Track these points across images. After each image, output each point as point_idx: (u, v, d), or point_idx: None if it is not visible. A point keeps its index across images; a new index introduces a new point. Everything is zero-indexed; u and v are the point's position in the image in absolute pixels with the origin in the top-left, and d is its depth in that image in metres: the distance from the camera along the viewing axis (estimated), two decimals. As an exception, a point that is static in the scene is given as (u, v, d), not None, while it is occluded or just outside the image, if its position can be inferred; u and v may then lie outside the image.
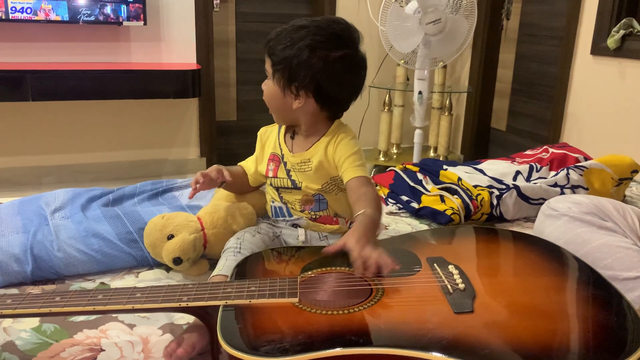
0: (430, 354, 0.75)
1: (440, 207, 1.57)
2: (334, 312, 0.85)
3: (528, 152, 1.97)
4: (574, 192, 1.65)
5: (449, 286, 0.91)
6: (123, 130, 3.25)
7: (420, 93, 2.82)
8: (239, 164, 1.33)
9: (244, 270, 1.01)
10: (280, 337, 0.80)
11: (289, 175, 1.21)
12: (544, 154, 1.89)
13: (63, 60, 3.00)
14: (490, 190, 1.61)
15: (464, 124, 3.77)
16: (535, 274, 0.99)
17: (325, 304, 0.87)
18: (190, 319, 1.02)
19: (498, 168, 1.80)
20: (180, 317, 1.05)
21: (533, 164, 1.81)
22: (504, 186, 1.65)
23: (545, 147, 1.94)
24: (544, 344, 0.78)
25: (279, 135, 1.25)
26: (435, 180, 1.74)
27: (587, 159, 1.83)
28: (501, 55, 3.57)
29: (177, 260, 1.18)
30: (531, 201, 1.62)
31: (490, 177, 1.72)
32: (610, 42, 2.56)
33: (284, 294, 0.89)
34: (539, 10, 3.22)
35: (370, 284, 0.92)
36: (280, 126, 1.26)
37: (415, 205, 1.64)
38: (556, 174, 1.72)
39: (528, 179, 1.74)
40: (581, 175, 1.68)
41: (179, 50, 3.20)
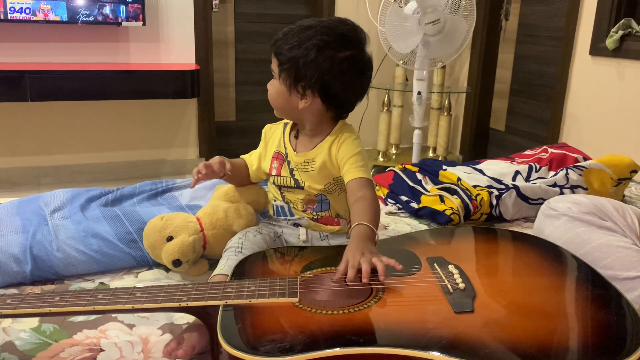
0: (431, 354, 0.75)
1: (439, 207, 1.57)
2: (334, 312, 0.85)
3: (527, 152, 1.97)
4: (573, 192, 1.65)
5: (449, 286, 0.91)
6: (122, 131, 3.25)
7: (419, 93, 2.83)
8: (242, 156, 1.33)
9: (243, 270, 1.01)
10: (280, 337, 0.80)
11: (292, 174, 1.20)
12: (543, 154, 1.89)
13: (62, 60, 3.00)
14: (489, 190, 1.61)
15: (463, 124, 3.77)
16: (535, 274, 0.99)
17: (325, 304, 0.87)
18: (189, 318, 1.02)
19: (497, 168, 1.80)
20: (180, 317, 1.05)
21: (532, 164, 1.81)
22: (503, 186, 1.65)
23: (544, 147, 1.94)
24: (544, 343, 0.78)
25: (284, 133, 1.24)
26: (435, 181, 1.74)
27: (586, 159, 1.83)
28: (500, 56, 3.57)
29: (177, 262, 1.17)
30: (530, 201, 1.62)
31: (489, 177, 1.72)
32: (609, 43, 2.56)
33: (284, 293, 0.89)
34: (538, 11, 3.23)
35: (370, 284, 0.92)
36: (285, 124, 1.26)
37: (414, 205, 1.64)
38: (555, 174, 1.72)
39: (527, 179, 1.74)
40: (580, 175, 1.69)
41: (178, 51, 3.20)
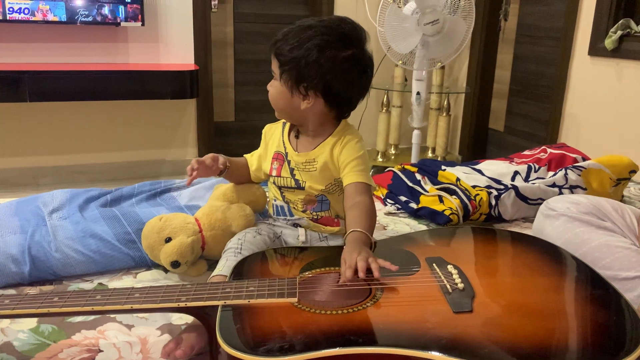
0: (430, 354, 0.75)
1: (438, 208, 1.57)
2: (333, 312, 0.85)
3: (526, 153, 1.97)
4: (572, 192, 1.65)
5: (448, 286, 0.91)
6: (121, 131, 3.25)
7: (418, 94, 2.83)
8: (245, 155, 1.32)
9: (242, 270, 1.01)
10: (279, 337, 0.80)
11: (292, 174, 1.20)
12: (542, 154, 1.89)
13: (61, 60, 3.00)
14: (488, 190, 1.61)
15: (462, 125, 3.77)
16: (534, 274, 0.99)
17: (324, 304, 0.87)
18: (188, 319, 1.02)
19: (496, 168, 1.80)
20: (179, 318, 1.05)
21: (531, 164, 1.81)
22: (503, 186, 1.65)
23: (543, 148, 1.94)
24: (543, 343, 0.78)
25: (283, 133, 1.24)
26: (434, 181, 1.74)
27: (585, 159, 1.83)
28: (499, 56, 3.58)
29: (175, 264, 1.17)
30: (529, 201, 1.62)
31: (488, 178, 1.72)
32: (607, 43, 2.56)
33: (283, 294, 0.89)
34: (537, 11, 3.23)
35: (369, 284, 0.92)
36: (284, 124, 1.25)
37: (413, 205, 1.64)
38: (554, 174, 1.72)
39: (526, 179, 1.74)
40: (579, 175, 1.69)
41: (176, 51, 3.20)
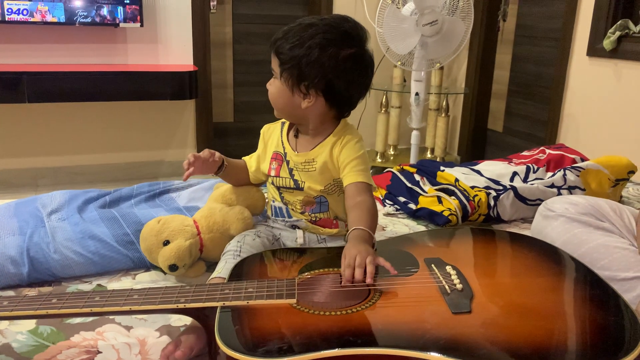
0: (429, 354, 0.75)
1: (437, 208, 1.57)
2: (332, 313, 0.85)
3: (525, 153, 1.97)
4: (570, 193, 1.65)
5: (447, 287, 0.91)
6: (120, 132, 3.25)
7: (417, 94, 2.83)
8: (243, 158, 1.32)
9: (241, 272, 1.01)
10: (278, 338, 0.80)
11: (291, 174, 1.19)
12: (540, 155, 1.89)
13: (59, 61, 2.99)
14: (487, 191, 1.61)
15: (460, 125, 3.78)
16: (532, 275, 0.99)
17: (323, 305, 0.87)
18: (187, 320, 1.02)
19: (495, 169, 1.80)
20: (178, 319, 1.05)
21: (530, 165, 1.81)
22: (501, 187, 1.65)
23: (542, 148, 1.94)
24: (541, 344, 0.78)
25: (282, 133, 1.23)
26: (433, 182, 1.74)
27: (584, 159, 1.83)
28: (498, 57, 3.58)
29: (173, 267, 1.17)
30: (528, 202, 1.62)
31: (487, 178, 1.72)
32: (606, 44, 2.57)
33: (282, 295, 0.89)
34: (535, 12, 3.23)
35: (368, 285, 0.92)
36: (283, 124, 1.25)
37: (412, 206, 1.64)
38: (553, 175, 1.72)
39: (525, 180, 1.74)
40: (578, 176, 1.69)
41: (175, 52, 3.20)
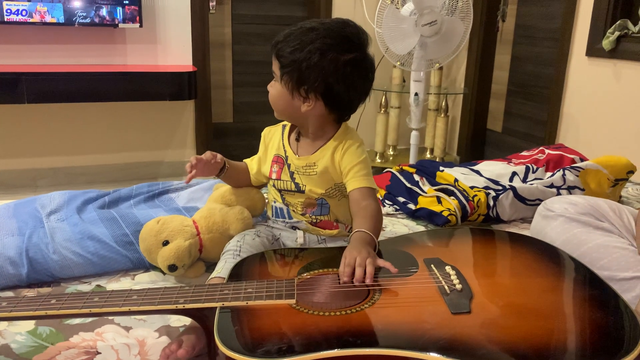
0: (428, 355, 0.75)
1: (436, 208, 1.57)
2: (332, 314, 0.85)
3: (524, 153, 1.97)
4: (570, 193, 1.65)
5: (446, 287, 0.91)
6: (119, 133, 3.24)
7: (416, 94, 2.83)
8: (245, 160, 1.32)
9: (241, 272, 1.01)
10: (277, 339, 0.80)
11: (292, 178, 1.19)
12: (540, 155, 1.89)
13: (59, 62, 2.99)
14: (486, 191, 1.62)
15: (460, 126, 3.78)
16: (532, 275, 0.99)
17: (322, 306, 0.87)
18: (186, 321, 1.02)
19: (494, 169, 1.80)
20: (177, 320, 1.05)
21: (529, 165, 1.81)
22: (501, 187, 1.65)
23: (541, 148, 1.94)
24: (541, 344, 0.78)
25: (282, 136, 1.23)
26: (432, 182, 1.74)
27: (583, 159, 1.83)
28: (497, 57, 3.58)
29: (172, 267, 1.17)
30: (527, 202, 1.62)
31: (486, 178, 1.72)
32: (605, 44, 2.57)
33: (281, 295, 0.89)
34: (535, 12, 3.23)
35: (367, 285, 0.92)
36: (284, 127, 1.25)
37: (412, 206, 1.64)
38: (552, 175, 1.72)
39: (524, 180, 1.74)
40: (577, 176, 1.69)
41: (174, 52, 3.20)
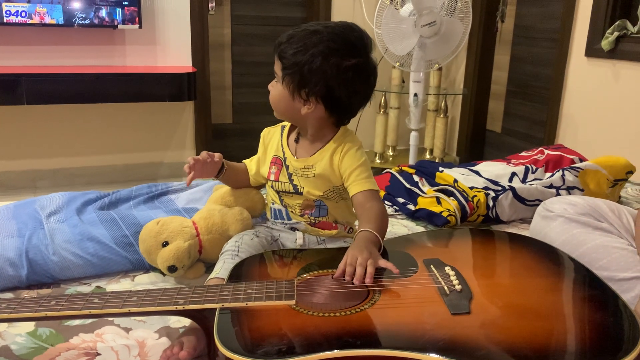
0: (428, 355, 0.75)
1: (436, 209, 1.57)
2: (331, 314, 0.85)
3: (524, 154, 1.97)
4: (569, 193, 1.65)
5: (446, 287, 0.91)
6: (118, 134, 3.24)
7: (415, 95, 2.83)
8: (244, 161, 1.32)
9: (240, 273, 1.01)
10: (277, 340, 0.80)
11: (290, 179, 1.19)
12: (539, 155, 1.89)
13: (58, 63, 2.99)
14: (486, 191, 1.62)
15: (459, 126, 3.78)
16: (531, 275, 0.99)
17: (322, 306, 0.87)
18: (186, 322, 1.02)
19: (494, 170, 1.80)
20: (177, 321, 1.05)
21: (529, 165, 1.81)
22: (500, 188, 1.65)
23: (540, 149, 1.94)
24: (541, 344, 0.78)
25: (281, 137, 1.23)
26: (431, 182, 1.75)
27: (583, 160, 1.83)
28: (496, 57, 3.58)
29: (172, 268, 1.17)
30: (527, 202, 1.62)
31: (486, 179, 1.72)
32: (604, 44, 2.57)
33: (281, 296, 0.89)
34: (534, 13, 3.24)
35: (367, 286, 0.92)
36: (283, 128, 1.25)
37: (411, 207, 1.64)
38: (552, 175, 1.72)
39: (524, 181, 1.75)
40: (576, 176, 1.69)
41: (174, 53, 3.20)
